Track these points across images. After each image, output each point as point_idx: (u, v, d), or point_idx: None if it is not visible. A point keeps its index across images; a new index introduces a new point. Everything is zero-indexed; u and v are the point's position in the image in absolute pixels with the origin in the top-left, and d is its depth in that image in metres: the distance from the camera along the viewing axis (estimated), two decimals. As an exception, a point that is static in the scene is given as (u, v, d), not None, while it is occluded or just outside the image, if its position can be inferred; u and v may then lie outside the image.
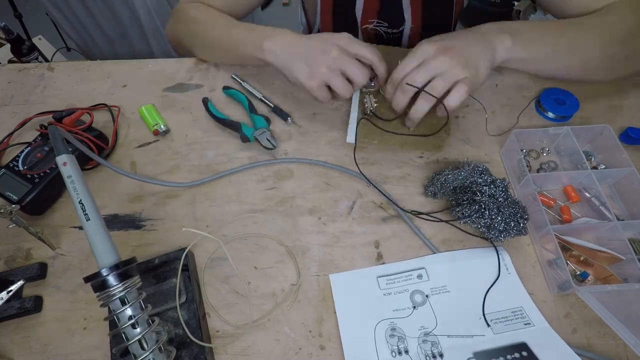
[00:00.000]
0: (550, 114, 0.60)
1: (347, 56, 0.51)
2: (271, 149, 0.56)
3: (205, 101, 0.61)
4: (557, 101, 0.60)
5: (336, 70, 0.51)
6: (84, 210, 0.37)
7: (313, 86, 0.52)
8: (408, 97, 0.51)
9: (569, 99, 0.60)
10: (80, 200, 0.37)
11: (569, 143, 0.54)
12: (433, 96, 0.49)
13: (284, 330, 0.45)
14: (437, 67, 0.48)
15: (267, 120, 0.59)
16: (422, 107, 0.50)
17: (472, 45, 0.50)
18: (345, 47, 0.51)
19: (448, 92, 0.49)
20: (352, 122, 0.57)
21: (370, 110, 0.57)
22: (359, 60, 0.52)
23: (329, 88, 0.53)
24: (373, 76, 0.56)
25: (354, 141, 0.55)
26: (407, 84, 0.50)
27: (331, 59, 0.51)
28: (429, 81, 0.49)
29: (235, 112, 0.62)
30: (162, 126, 0.59)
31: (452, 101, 0.49)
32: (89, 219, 0.37)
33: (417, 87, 0.49)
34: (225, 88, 0.63)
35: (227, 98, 0.64)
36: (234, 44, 0.60)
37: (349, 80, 0.52)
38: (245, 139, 0.56)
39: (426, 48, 0.49)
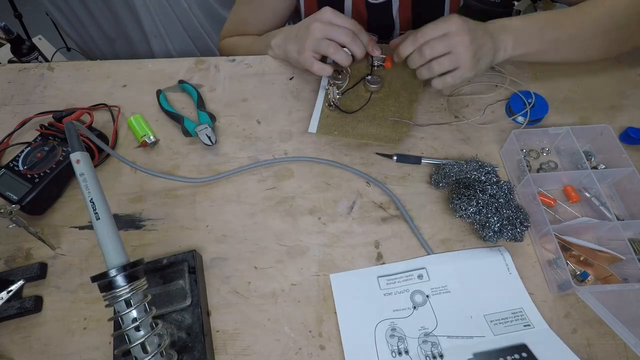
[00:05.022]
0: (520, 118, 0.60)
1: (328, 25, 0.55)
2: (209, 145, 0.57)
3: (158, 93, 0.63)
4: (527, 104, 0.60)
5: (321, 39, 0.55)
6: (94, 209, 0.37)
7: (305, 59, 0.57)
8: (423, 61, 0.54)
9: (539, 102, 0.60)
10: (92, 199, 0.37)
11: (569, 143, 0.54)
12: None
13: (284, 330, 0.45)
14: (456, 46, 0.51)
15: (212, 117, 0.60)
16: (424, 73, 0.55)
17: (483, 39, 0.53)
18: (326, 19, 0.56)
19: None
20: (316, 113, 0.58)
21: (333, 102, 0.58)
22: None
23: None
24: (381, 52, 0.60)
25: (315, 131, 0.57)
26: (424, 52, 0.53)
27: (314, 30, 0.55)
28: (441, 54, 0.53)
29: (188, 107, 0.64)
30: (150, 137, 0.58)
31: (439, 83, 0.55)
32: (99, 218, 0.37)
33: (431, 58, 0.53)
34: (181, 82, 0.65)
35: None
36: (257, 52, 0.70)
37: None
38: (186, 132, 0.58)
39: (455, 23, 0.52)
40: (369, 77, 0.60)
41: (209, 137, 0.57)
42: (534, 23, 0.57)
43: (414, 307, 0.46)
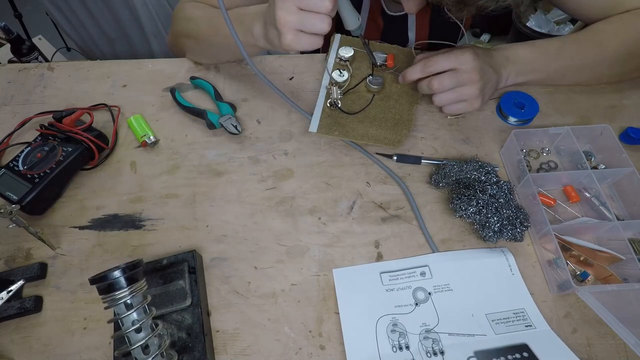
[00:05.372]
0: (511, 119, 0.60)
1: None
2: (236, 134, 0.58)
3: (173, 91, 0.63)
4: (516, 105, 0.60)
5: (298, 13, 0.44)
6: None
7: (288, 42, 0.45)
8: (430, 92, 0.56)
9: (529, 102, 0.60)
10: None
11: (569, 143, 0.54)
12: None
13: (284, 330, 0.45)
14: (464, 83, 0.54)
15: (233, 107, 0.60)
16: (436, 101, 0.57)
17: (489, 76, 0.56)
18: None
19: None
20: (317, 112, 0.58)
21: (334, 102, 0.58)
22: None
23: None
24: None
25: (315, 130, 0.56)
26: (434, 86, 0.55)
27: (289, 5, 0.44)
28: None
29: (204, 101, 0.64)
30: (151, 137, 0.58)
31: (447, 111, 0.58)
32: None
33: (437, 91, 0.56)
34: (192, 78, 0.65)
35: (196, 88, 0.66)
36: (225, 37, 0.54)
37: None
38: (211, 125, 0.58)
39: (467, 60, 0.53)
40: (371, 77, 0.60)
41: (235, 126, 0.58)
42: (541, 53, 0.58)
43: (416, 304, 0.46)
